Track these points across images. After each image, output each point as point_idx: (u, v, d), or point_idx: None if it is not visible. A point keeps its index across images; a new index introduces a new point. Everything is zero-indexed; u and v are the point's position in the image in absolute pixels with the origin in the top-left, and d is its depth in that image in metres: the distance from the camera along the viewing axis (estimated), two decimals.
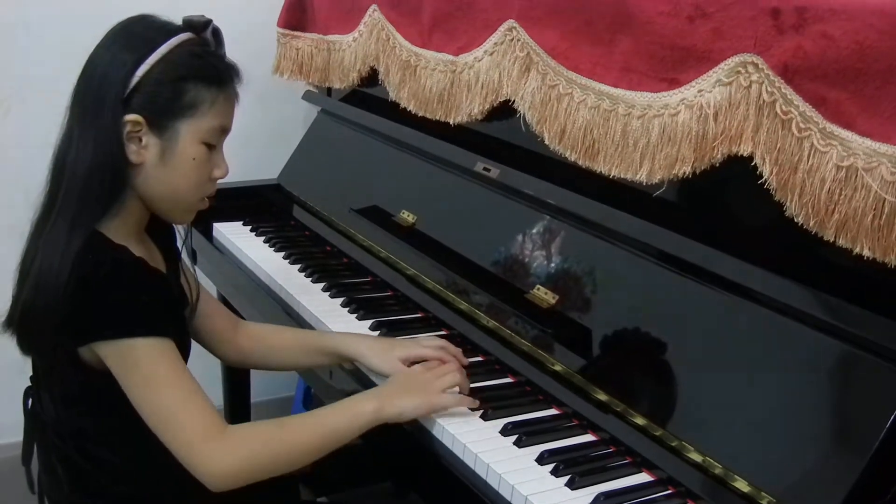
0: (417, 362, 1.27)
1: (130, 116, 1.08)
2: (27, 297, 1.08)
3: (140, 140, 1.10)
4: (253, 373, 2.11)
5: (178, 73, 1.10)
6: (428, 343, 1.32)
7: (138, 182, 1.12)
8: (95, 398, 1.13)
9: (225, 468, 1.06)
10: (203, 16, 1.16)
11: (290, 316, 1.55)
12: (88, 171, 1.08)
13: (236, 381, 2.10)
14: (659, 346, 1.17)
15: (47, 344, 1.10)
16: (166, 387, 1.07)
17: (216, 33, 1.17)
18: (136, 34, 1.11)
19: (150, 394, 1.07)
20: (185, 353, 1.17)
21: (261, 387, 2.26)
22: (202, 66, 1.12)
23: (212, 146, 1.16)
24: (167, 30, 1.12)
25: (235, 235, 1.90)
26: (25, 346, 1.15)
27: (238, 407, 2.11)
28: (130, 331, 1.06)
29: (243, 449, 1.08)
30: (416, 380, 1.20)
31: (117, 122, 1.08)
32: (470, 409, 1.20)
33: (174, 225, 1.28)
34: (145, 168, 1.11)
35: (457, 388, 1.21)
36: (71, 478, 1.18)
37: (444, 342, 1.33)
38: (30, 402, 1.23)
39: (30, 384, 1.24)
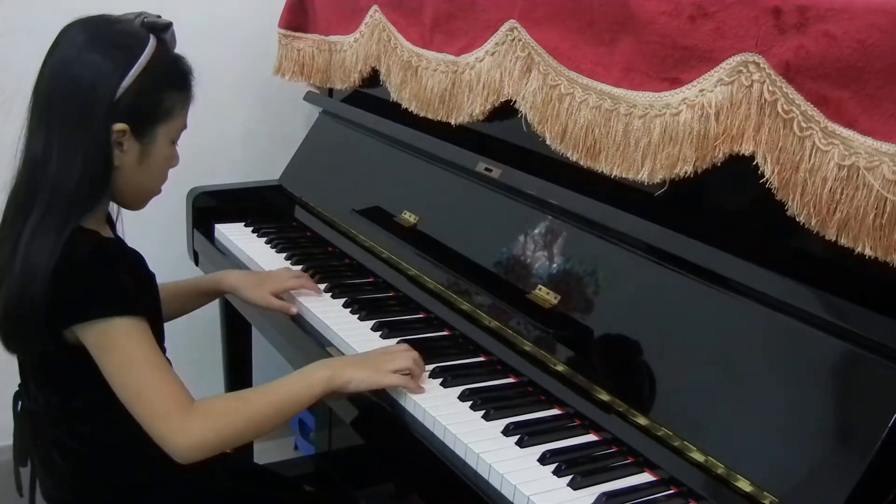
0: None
1: (118, 126, 1.13)
2: (9, 296, 1.10)
3: (121, 145, 1.14)
4: (255, 368, 2.11)
5: (159, 83, 1.16)
6: (291, 275, 1.56)
7: (113, 181, 1.16)
8: (84, 377, 1.15)
9: (192, 442, 1.11)
10: (160, 16, 1.20)
11: (291, 316, 1.55)
12: (79, 177, 1.11)
13: (238, 377, 2.11)
14: (661, 346, 1.17)
15: (35, 334, 1.12)
16: (141, 365, 1.11)
17: (173, 34, 1.21)
18: (112, 42, 1.14)
19: (125, 372, 1.11)
20: (158, 330, 1.21)
21: (263, 383, 2.26)
22: (176, 73, 1.19)
23: (174, 143, 1.22)
24: (140, 37, 1.15)
25: (237, 236, 1.90)
26: (11, 342, 1.17)
27: None
28: (110, 311, 1.10)
29: (208, 423, 1.13)
30: (370, 356, 1.27)
31: (108, 131, 1.12)
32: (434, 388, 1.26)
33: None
34: (123, 170, 1.16)
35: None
36: (71, 466, 1.21)
37: (301, 274, 1.58)
38: (19, 403, 1.25)
39: (17, 388, 1.26)
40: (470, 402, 1.22)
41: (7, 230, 1.14)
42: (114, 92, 1.11)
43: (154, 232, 1.28)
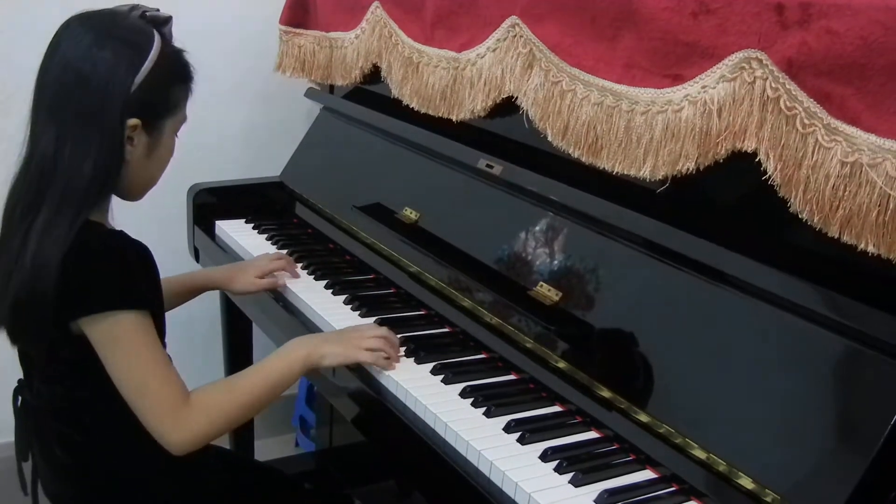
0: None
1: (132, 121, 1.14)
2: (20, 289, 1.10)
3: (132, 140, 1.16)
4: None
5: (167, 78, 1.18)
6: (272, 257, 1.63)
7: (121, 175, 1.17)
8: (89, 367, 1.15)
9: (189, 437, 1.15)
10: (158, 9, 1.21)
11: (293, 313, 1.55)
12: (93, 172, 1.12)
13: None
14: (662, 343, 1.17)
15: (44, 327, 1.12)
16: (145, 360, 1.13)
17: (171, 27, 1.22)
18: (121, 39, 1.14)
19: (129, 366, 1.13)
20: (161, 323, 1.22)
21: None
22: (181, 67, 1.22)
23: (175, 135, 1.24)
24: (147, 33, 1.16)
25: (238, 233, 1.90)
26: (20, 335, 1.17)
27: None
28: (118, 304, 1.11)
29: (204, 418, 1.16)
30: (345, 334, 1.33)
31: (122, 126, 1.13)
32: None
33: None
34: (131, 164, 1.17)
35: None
36: (72, 458, 1.21)
37: (280, 255, 1.66)
38: (20, 399, 1.25)
39: (17, 384, 1.26)
40: (471, 399, 1.22)
41: (17, 225, 1.14)
42: (128, 88, 1.12)
43: (154, 229, 1.28)
